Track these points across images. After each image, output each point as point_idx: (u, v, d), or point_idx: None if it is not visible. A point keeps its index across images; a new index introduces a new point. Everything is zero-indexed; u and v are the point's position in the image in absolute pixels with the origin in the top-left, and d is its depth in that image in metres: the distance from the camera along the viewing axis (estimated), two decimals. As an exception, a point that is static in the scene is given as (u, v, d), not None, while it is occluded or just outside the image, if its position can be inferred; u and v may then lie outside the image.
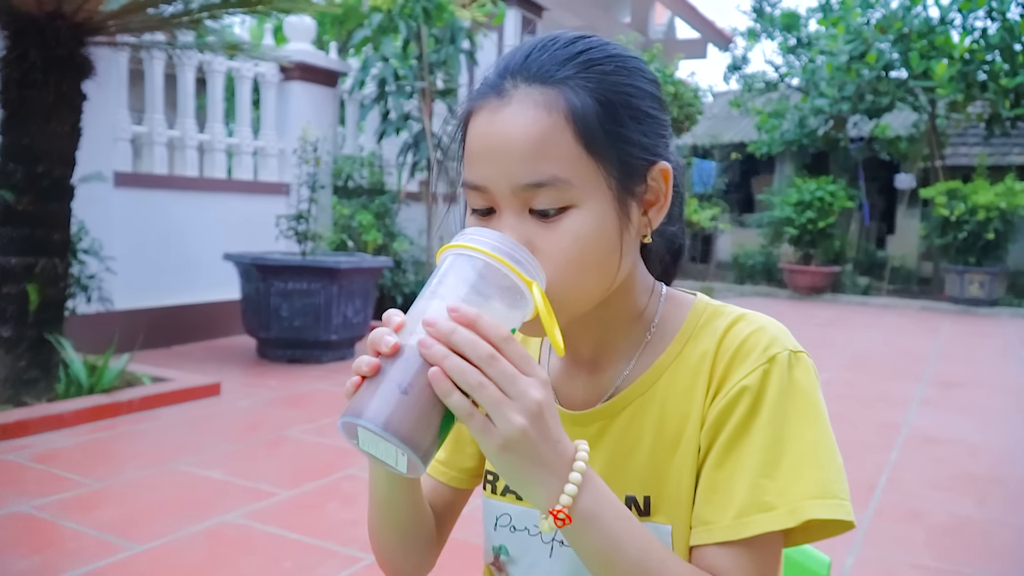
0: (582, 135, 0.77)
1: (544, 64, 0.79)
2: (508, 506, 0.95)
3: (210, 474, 3.45)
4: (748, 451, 0.80)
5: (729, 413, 0.82)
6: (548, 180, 0.76)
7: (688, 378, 0.87)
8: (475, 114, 0.81)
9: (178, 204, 6.26)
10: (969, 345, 8.43)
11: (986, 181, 12.12)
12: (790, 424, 0.80)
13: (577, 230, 0.78)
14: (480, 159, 0.79)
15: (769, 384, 0.81)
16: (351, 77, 7.81)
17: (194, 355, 5.90)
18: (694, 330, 0.89)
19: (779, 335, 0.85)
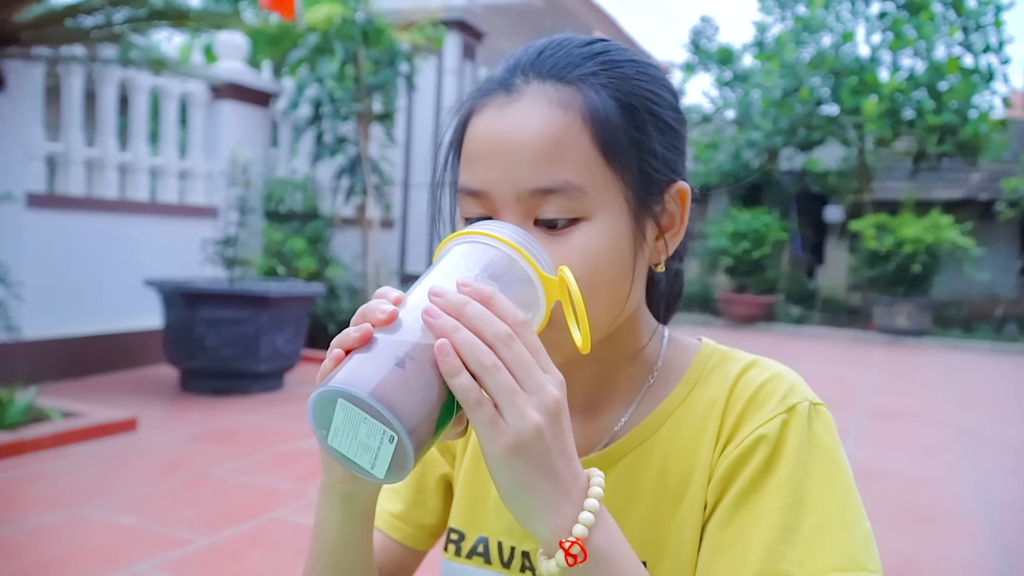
0: (600, 138, 0.68)
1: (560, 60, 0.71)
2: (476, 571, 0.82)
3: (122, 520, 3.19)
4: (764, 510, 0.68)
5: (742, 465, 0.71)
6: (560, 186, 0.67)
7: (695, 427, 0.76)
8: (477, 113, 0.72)
9: (97, 227, 5.94)
10: (900, 376, 8.55)
11: (913, 215, 12.44)
12: (812, 482, 0.69)
13: (588, 246, 0.68)
14: (482, 160, 0.70)
15: (788, 435, 0.70)
16: (285, 98, 7.60)
17: (111, 387, 5.57)
18: (701, 375, 0.79)
19: (797, 384, 0.75)
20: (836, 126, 12.86)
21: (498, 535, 0.81)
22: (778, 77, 12.83)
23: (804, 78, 12.62)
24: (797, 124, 12.97)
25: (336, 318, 7.33)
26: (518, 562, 0.80)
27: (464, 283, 0.58)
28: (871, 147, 13.36)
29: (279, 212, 7.53)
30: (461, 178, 0.73)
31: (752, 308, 13.19)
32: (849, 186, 14.00)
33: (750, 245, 13.17)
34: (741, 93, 14.59)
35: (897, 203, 13.56)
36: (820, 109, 12.94)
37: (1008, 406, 7.06)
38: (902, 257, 11.88)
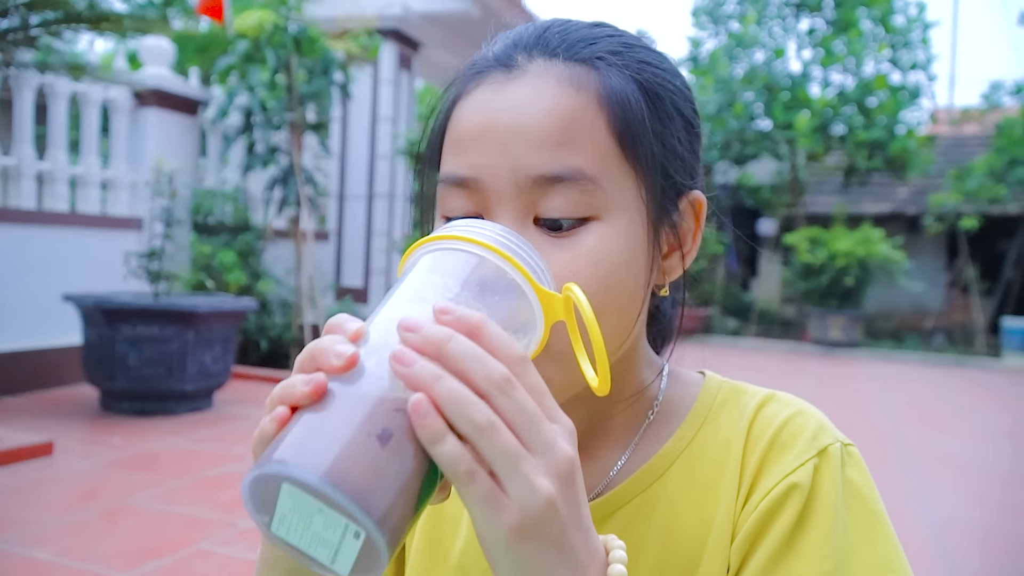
0: (619, 125, 0.57)
1: (571, 36, 0.60)
2: None
3: (34, 554, 2.96)
4: (802, 570, 0.58)
5: (772, 519, 0.60)
6: (570, 174, 0.56)
7: (708, 472, 0.65)
8: (468, 94, 0.61)
9: (11, 239, 5.62)
10: (837, 388, 8.65)
11: (844, 229, 12.70)
12: (851, 539, 0.60)
13: (600, 252, 0.57)
14: (475, 143, 0.58)
15: (823, 484, 0.61)
16: (214, 106, 7.35)
17: (25, 408, 5.25)
18: (710, 411, 0.68)
19: (824, 422, 0.66)
20: (769, 141, 13.08)
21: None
22: (712, 92, 13.00)
23: (738, 93, 12.82)
24: (731, 139, 13.16)
25: (268, 333, 7.09)
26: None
27: (444, 309, 0.45)
28: (803, 162, 13.63)
29: (208, 224, 7.26)
30: (445, 167, 0.61)
31: (688, 321, 13.14)
32: (782, 200, 14.25)
33: (686, 258, 13.29)
34: (677, 107, 14.76)
35: (829, 217, 13.85)
36: (753, 124, 13.16)
37: (942, 419, 7.18)
38: (835, 270, 12.11)
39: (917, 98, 12.69)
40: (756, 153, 13.37)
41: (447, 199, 0.61)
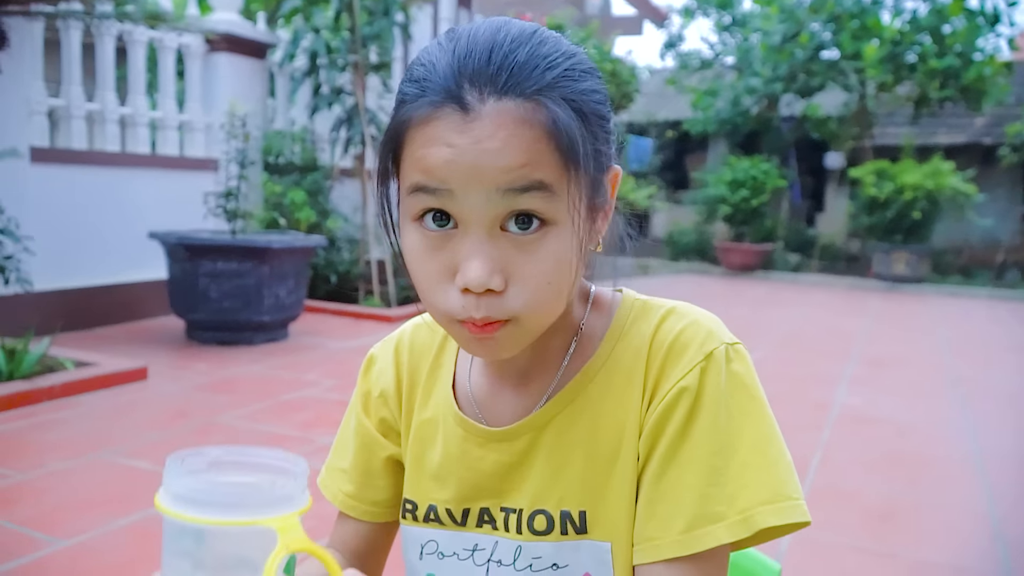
0: (562, 147, 0.69)
1: (514, 72, 0.68)
2: (434, 532, 0.88)
3: (137, 464, 3.32)
4: (692, 458, 0.74)
5: (668, 418, 0.76)
6: (534, 185, 0.68)
7: (621, 382, 0.80)
8: (426, 124, 0.69)
9: (99, 180, 6.00)
10: (896, 323, 8.66)
11: (913, 161, 12.42)
12: (734, 424, 0.75)
13: (559, 253, 0.71)
14: (445, 166, 0.68)
15: (708, 383, 0.75)
16: (281, 49, 7.59)
17: (119, 338, 5.68)
18: (622, 330, 0.82)
19: (714, 328, 0.79)
20: (836, 72, 12.75)
21: (444, 503, 0.87)
22: (778, 22, 12.70)
23: (804, 23, 12.49)
24: (797, 70, 12.87)
25: (336, 268, 7.42)
26: (474, 519, 0.86)
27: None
28: (872, 92, 13.27)
29: (278, 164, 7.57)
30: (413, 178, 0.71)
31: (749, 256, 13.26)
32: (849, 132, 13.93)
33: (748, 193, 13.18)
34: (740, 39, 14.45)
35: (898, 149, 13.53)
36: (820, 54, 12.83)
37: (1002, 353, 7.18)
38: (901, 204, 11.89)
39: (995, 24, 12.13)
40: (823, 84, 13.06)
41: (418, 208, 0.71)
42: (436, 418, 0.90)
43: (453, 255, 0.70)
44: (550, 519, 0.81)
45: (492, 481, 0.85)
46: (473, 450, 0.86)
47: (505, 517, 0.84)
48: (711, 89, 14.52)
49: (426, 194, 0.70)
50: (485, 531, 0.85)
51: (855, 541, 2.92)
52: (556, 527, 0.81)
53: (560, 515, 0.81)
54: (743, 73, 13.85)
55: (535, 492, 0.82)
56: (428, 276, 0.72)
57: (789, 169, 14.30)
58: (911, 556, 2.82)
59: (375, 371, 0.96)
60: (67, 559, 2.49)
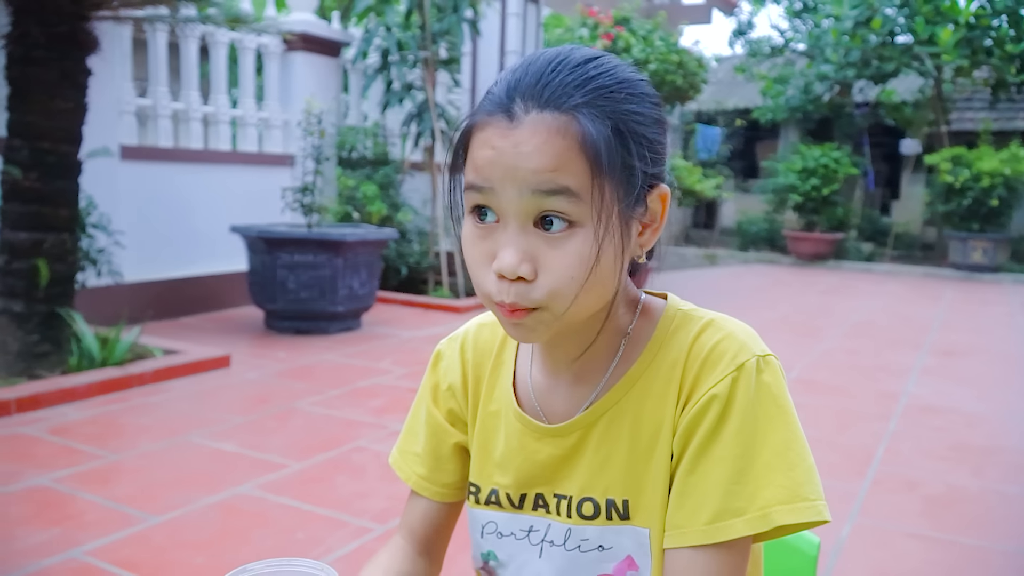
0: (593, 161, 0.77)
1: (556, 89, 0.78)
2: (492, 514, 0.99)
3: (222, 446, 3.53)
4: (719, 457, 0.83)
5: (699, 421, 0.85)
6: (561, 190, 0.77)
7: (660, 387, 0.89)
8: (482, 129, 0.80)
9: (184, 176, 6.30)
10: (971, 313, 8.48)
11: (991, 147, 12.07)
12: (759, 429, 0.83)
13: (582, 250, 0.79)
14: (489, 166, 0.79)
15: (738, 392, 0.83)
16: (354, 47, 7.80)
17: (202, 327, 5.97)
18: (664, 339, 0.91)
19: (747, 341, 0.87)
20: (911, 56, 12.44)
21: (505, 488, 0.97)
22: (850, 7, 12.42)
23: (877, 8, 12.22)
24: (869, 56, 12.59)
25: (407, 260, 7.61)
26: (530, 503, 0.96)
27: None
28: (948, 77, 12.92)
29: (351, 158, 7.79)
30: (468, 177, 0.82)
31: (820, 245, 13.06)
32: (925, 118, 13.59)
33: (819, 181, 12.97)
34: (812, 24, 14.20)
35: (975, 134, 13.16)
36: (894, 39, 12.53)
37: (1079, 342, 6.99)
38: (978, 191, 11.59)
39: (1077, 5, 11.72)
40: (896, 70, 12.76)
41: (473, 198, 0.82)
42: (499, 411, 1.01)
43: (494, 244, 0.81)
44: (596, 506, 0.91)
45: (546, 471, 0.95)
46: (530, 443, 0.96)
47: (557, 503, 0.94)
48: (781, 76, 14.32)
49: (475, 191, 0.81)
50: (539, 514, 0.95)
51: (916, 528, 2.95)
52: (602, 513, 0.91)
53: (606, 502, 0.91)
54: (814, 60, 13.62)
55: (584, 481, 0.93)
56: (474, 261, 0.83)
57: (862, 156, 14.02)
58: (971, 543, 2.85)
59: (443, 366, 1.06)
60: (161, 534, 2.69)
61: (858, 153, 14.12)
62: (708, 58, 12.71)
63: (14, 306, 4.24)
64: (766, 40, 15.12)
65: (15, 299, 4.25)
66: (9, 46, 4.20)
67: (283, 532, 2.74)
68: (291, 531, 2.74)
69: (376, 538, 2.70)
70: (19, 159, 4.20)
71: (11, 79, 4.24)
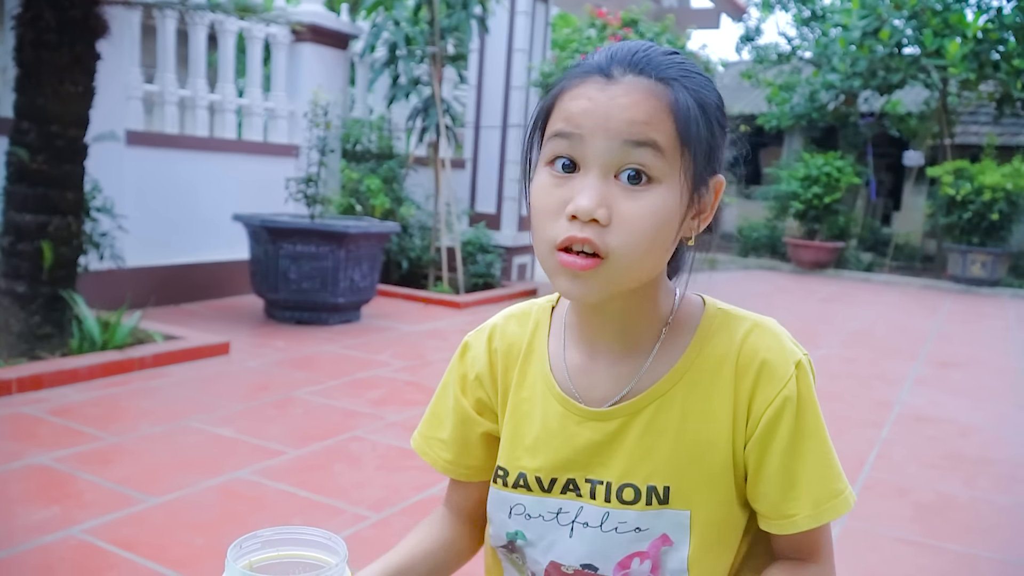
0: (681, 125, 0.84)
1: (652, 61, 0.86)
2: (521, 497, 1.01)
3: (221, 432, 3.56)
4: (807, 450, 0.93)
5: (778, 422, 0.92)
6: (649, 142, 0.83)
7: (708, 380, 0.95)
8: (576, 87, 0.86)
9: (189, 163, 6.32)
10: (968, 325, 8.51)
11: (993, 162, 12.10)
12: (819, 421, 0.95)
13: (658, 206, 0.84)
14: (583, 114, 0.84)
15: (803, 390, 0.93)
16: (362, 40, 7.82)
17: (203, 314, 5.99)
18: (709, 333, 0.97)
19: (790, 340, 0.96)
20: (917, 68, 12.47)
21: (534, 471, 1.00)
22: (858, 17, 12.45)
23: (886, 18, 12.25)
24: (876, 66, 12.61)
25: (408, 255, 7.63)
26: (560, 487, 0.99)
27: None
28: (953, 90, 12.95)
29: (355, 151, 7.81)
30: (556, 126, 0.86)
31: (821, 254, 13.08)
32: (929, 130, 13.63)
33: (822, 190, 13.00)
34: (819, 33, 14.23)
35: (979, 148, 13.19)
36: (901, 51, 12.56)
37: (1075, 358, 7.01)
38: (980, 204, 11.62)
39: (1083, 22, 11.74)
40: (903, 81, 12.79)
41: (554, 152, 0.86)
42: (533, 396, 1.03)
43: (570, 191, 0.85)
44: (637, 491, 0.95)
45: (582, 455, 0.97)
46: (571, 426, 0.98)
47: (592, 488, 0.97)
48: (787, 83, 14.34)
49: (561, 138, 0.85)
50: (569, 497, 0.98)
51: (906, 534, 2.98)
52: (643, 498, 0.95)
53: (647, 488, 0.95)
54: (821, 68, 13.64)
55: (624, 467, 0.96)
56: (545, 208, 0.86)
57: (865, 166, 14.04)
58: (960, 550, 2.88)
59: (470, 356, 1.09)
60: (160, 515, 2.72)
61: (861, 163, 14.14)
62: (715, 63, 12.70)
63: (17, 287, 4.27)
64: (773, 47, 15.15)
65: (19, 280, 4.27)
66: (20, 29, 4.22)
67: (280, 517, 2.76)
68: (288, 516, 2.77)
69: (372, 525, 2.72)
70: (27, 141, 4.22)
71: (21, 62, 4.26)
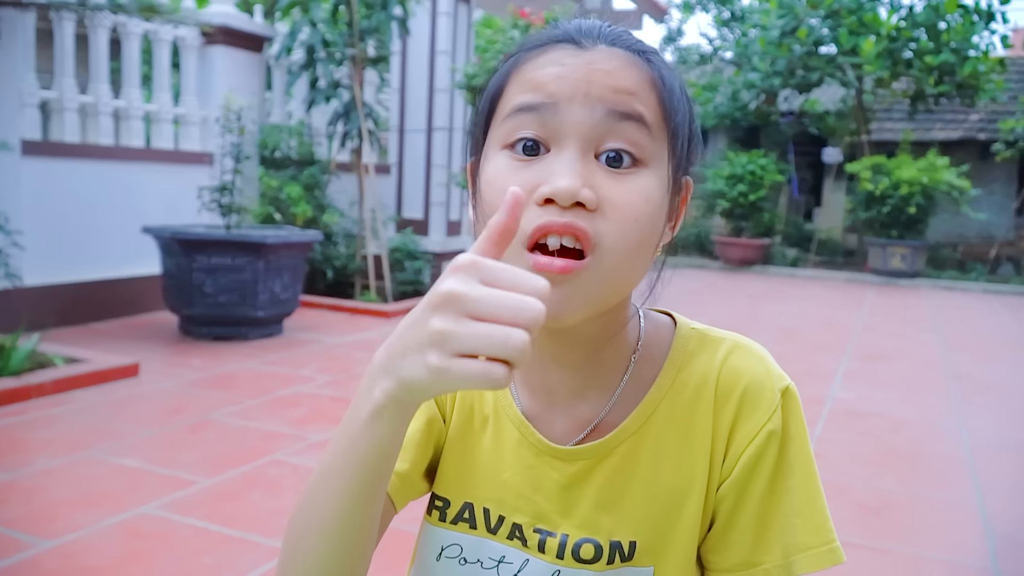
0: (666, 105, 0.71)
1: (623, 34, 0.74)
2: (460, 536, 0.84)
3: (127, 462, 3.30)
4: (784, 491, 0.78)
5: (759, 462, 0.78)
6: (636, 115, 0.69)
7: (683, 414, 0.79)
8: (538, 56, 0.72)
9: (92, 174, 5.97)
10: (891, 317, 8.65)
11: (909, 156, 12.42)
12: (807, 458, 0.79)
13: (648, 191, 0.70)
14: (555, 80, 0.69)
15: (790, 422, 0.79)
16: (278, 42, 7.55)
17: (112, 333, 5.66)
18: (683, 360, 0.81)
19: (775, 364, 0.82)
20: (834, 67, 12.73)
21: (484, 503, 0.83)
22: (776, 17, 12.67)
23: (803, 18, 12.47)
24: (795, 65, 12.84)
25: (334, 264, 7.40)
26: (507, 530, 0.82)
27: None
28: (869, 88, 13.26)
29: (274, 158, 7.54)
30: (517, 100, 0.71)
31: (748, 251, 13.24)
32: (847, 127, 13.94)
33: (747, 188, 13.16)
34: (739, 34, 14.43)
35: (895, 144, 13.53)
36: (818, 50, 12.81)
37: (997, 347, 7.18)
38: (897, 199, 11.89)
39: (989, 21, 12.13)
40: (821, 80, 13.04)
41: (516, 130, 0.70)
42: (488, 417, 0.85)
43: (539, 174, 0.68)
44: (599, 548, 0.78)
45: (538, 496, 0.81)
46: (527, 458, 0.82)
47: (540, 539, 0.80)
48: (710, 84, 14.50)
49: (526, 113, 0.69)
50: (515, 545, 0.81)
51: (847, 537, 2.91)
52: (604, 556, 0.78)
53: (610, 545, 0.78)
54: (742, 68, 13.83)
55: (584, 519, 0.79)
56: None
57: (788, 164, 14.28)
58: (903, 551, 2.82)
59: None
60: (53, 561, 2.47)
61: (784, 161, 14.37)
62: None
63: (-101, 311, 3.93)
64: (695, 48, 15.33)
65: (-100, 303, 3.93)
66: None
67: (188, 556, 2.54)
68: (197, 554, 2.55)
69: (290, 560, 2.52)
70: (-95, 152, 3.89)
71: None
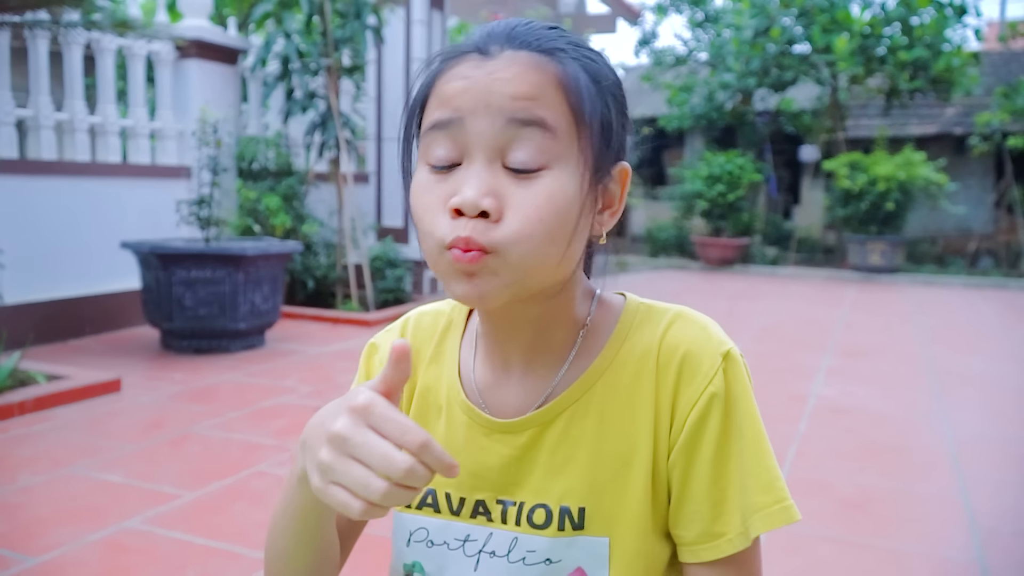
0: (572, 99, 0.73)
1: (533, 34, 0.76)
2: (424, 520, 0.88)
3: (109, 477, 3.29)
4: (734, 454, 0.79)
5: (704, 425, 0.79)
6: (536, 121, 0.72)
7: (628, 382, 0.82)
8: (449, 69, 0.75)
9: (69, 191, 5.94)
10: (871, 313, 8.72)
11: (886, 153, 12.52)
12: (754, 419, 0.81)
13: (554, 192, 0.72)
14: (460, 94, 0.73)
15: (732, 384, 0.81)
16: (252, 54, 7.55)
17: (92, 349, 5.63)
18: (629, 331, 0.85)
19: (718, 330, 0.84)
20: (808, 65, 12.84)
21: (444, 487, 0.87)
22: (749, 17, 12.75)
23: (775, 17, 12.57)
24: (769, 64, 12.94)
25: (314, 274, 7.38)
26: (469, 509, 0.86)
27: None
28: (844, 85, 13.37)
29: (252, 170, 7.52)
30: (431, 117, 0.75)
31: (727, 251, 13.31)
32: (823, 125, 14.04)
33: (725, 188, 13.24)
34: (713, 34, 14.52)
35: (870, 141, 13.65)
36: (792, 49, 12.91)
37: (977, 341, 7.25)
38: (875, 195, 11.98)
39: (963, 15, 12.24)
40: (795, 78, 13.14)
41: (432, 143, 0.74)
42: (440, 403, 0.90)
43: (452, 186, 0.73)
44: (549, 513, 0.82)
45: (492, 472, 0.85)
46: (477, 439, 0.86)
47: (503, 510, 0.84)
48: (686, 85, 14.57)
49: (439, 129, 0.74)
50: (479, 522, 0.85)
51: (830, 532, 2.94)
52: (554, 522, 0.81)
53: (560, 510, 0.81)
54: (717, 69, 13.91)
55: (537, 486, 0.83)
56: (426, 207, 0.74)
57: (765, 163, 14.38)
58: (885, 546, 2.84)
59: (377, 358, 0.96)
60: None
61: (761, 160, 14.47)
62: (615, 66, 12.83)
63: None
64: (670, 50, 15.38)
65: None
66: None
67: (173, 569, 2.54)
68: (181, 568, 2.54)
69: (275, 571, 2.52)
70: None
71: None
